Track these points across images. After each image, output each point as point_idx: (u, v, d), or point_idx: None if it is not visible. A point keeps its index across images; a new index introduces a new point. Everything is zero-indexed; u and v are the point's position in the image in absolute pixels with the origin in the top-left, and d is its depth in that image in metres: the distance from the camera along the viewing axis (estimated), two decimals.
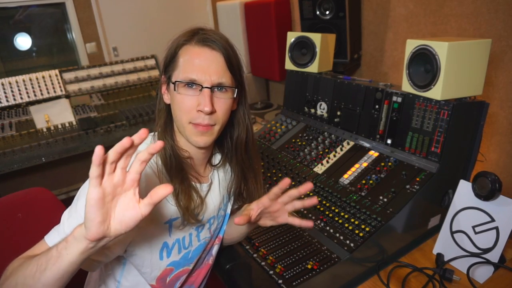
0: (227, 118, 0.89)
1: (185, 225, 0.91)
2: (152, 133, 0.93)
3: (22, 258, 0.74)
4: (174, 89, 0.82)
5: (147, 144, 0.87)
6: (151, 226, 0.87)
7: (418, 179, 1.12)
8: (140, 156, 0.58)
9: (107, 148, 0.54)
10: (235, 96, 0.87)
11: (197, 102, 0.82)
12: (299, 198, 0.86)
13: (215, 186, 1.01)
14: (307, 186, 0.82)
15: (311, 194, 1.26)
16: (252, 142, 0.99)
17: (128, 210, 0.60)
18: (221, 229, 1.09)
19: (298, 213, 1.22)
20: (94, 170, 0.55)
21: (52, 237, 0.78)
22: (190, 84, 0.82)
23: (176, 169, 0.87)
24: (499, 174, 0.97)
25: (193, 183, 0.93)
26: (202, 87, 0.81)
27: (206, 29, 0.86)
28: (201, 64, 0.81)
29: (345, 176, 1.27)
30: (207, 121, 0.83)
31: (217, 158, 1.03)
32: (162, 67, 0.89)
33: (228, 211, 1.09)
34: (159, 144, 0.58)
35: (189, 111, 0.83)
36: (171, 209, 0.88)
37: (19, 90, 2.62)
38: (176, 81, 0.82)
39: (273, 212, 0.88)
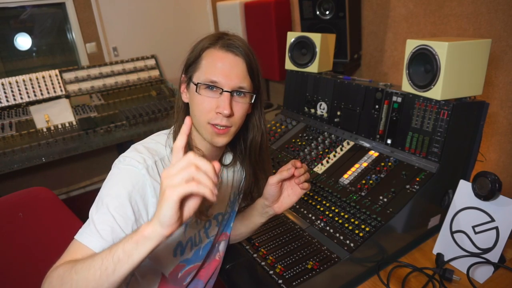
0: (243, 121, 0.92)
1: (197, 223, 0.96)
2: (168, 131, 0.96)
3: (65, 264, 0.70)
4: (196, 90, 0.85)
5: (162, 145, 0.90)
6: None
7: (418, 179, 1.12)
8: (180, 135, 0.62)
9: (107, 148, 0.54)
10: (252, 101, 0.91)
11: (217, 104, 0.85)
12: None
13: (223, 184, 1.05)
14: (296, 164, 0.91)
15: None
16: (266, 146, 1.03)
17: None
18: (227, 226, 1.12)
19: (298, 213, 1.22)
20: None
21: (89, 239, 0.75)
22: (211, 86, 0.85)
23: None
24: (499, 174, 0.98)
25: None
26: (223, 91, 0.84)
27: (230, 35, 0.89)
28: (224, 68, 0.84)
29: (345, 176, 1.27)
30: (224, 123, 0.86)
31: (228, 158, 1.06)
32: (183, 67, 0.92)
33: (236, 209, 1.12)
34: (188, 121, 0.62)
35: (208, 112, 0.85)
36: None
37: (19, 90, 2.62)
38: (198, 83, 0.85)
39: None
